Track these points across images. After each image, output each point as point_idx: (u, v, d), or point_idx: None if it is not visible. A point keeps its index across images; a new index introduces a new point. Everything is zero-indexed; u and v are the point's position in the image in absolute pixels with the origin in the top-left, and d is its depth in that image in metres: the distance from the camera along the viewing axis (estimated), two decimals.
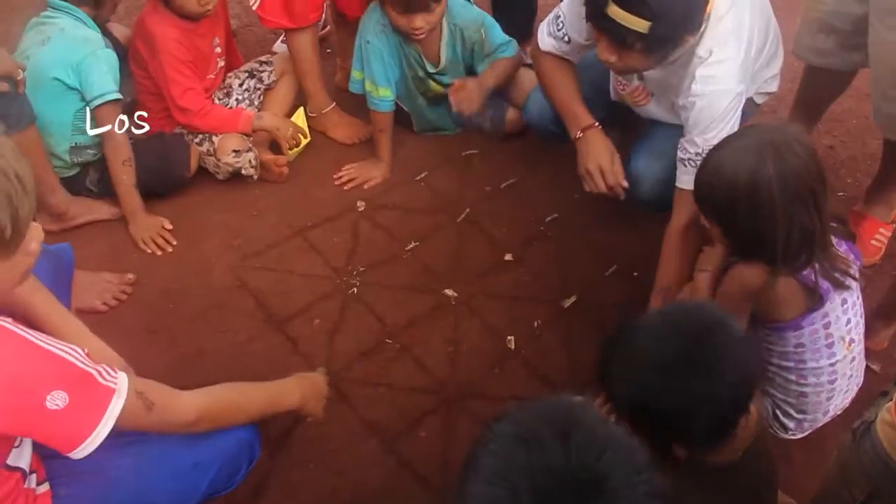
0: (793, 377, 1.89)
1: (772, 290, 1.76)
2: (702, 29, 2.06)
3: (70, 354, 1.38)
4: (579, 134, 2.38)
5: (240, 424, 1.75)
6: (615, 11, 1.92)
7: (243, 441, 1.77)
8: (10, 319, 1.37)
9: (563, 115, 2.45)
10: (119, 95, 2.54)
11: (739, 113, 2.14)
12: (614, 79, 2.44)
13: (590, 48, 2.26)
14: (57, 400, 1.34)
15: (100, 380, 1.41)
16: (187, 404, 1.59)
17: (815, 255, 1.74)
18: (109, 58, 2.55)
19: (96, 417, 1.39)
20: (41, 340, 1.37)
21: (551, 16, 2.41)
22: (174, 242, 2.65)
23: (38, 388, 1.33)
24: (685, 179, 2.16)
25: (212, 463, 1.71)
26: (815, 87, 2.72)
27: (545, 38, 2.43)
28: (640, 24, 1.92)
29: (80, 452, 1.39)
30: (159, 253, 2.63)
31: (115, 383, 1.43)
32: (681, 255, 2.19)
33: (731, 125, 2.11)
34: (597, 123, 2.39)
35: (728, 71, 2.09)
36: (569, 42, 2.36)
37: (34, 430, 1.37)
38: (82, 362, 1.39)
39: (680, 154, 2.17)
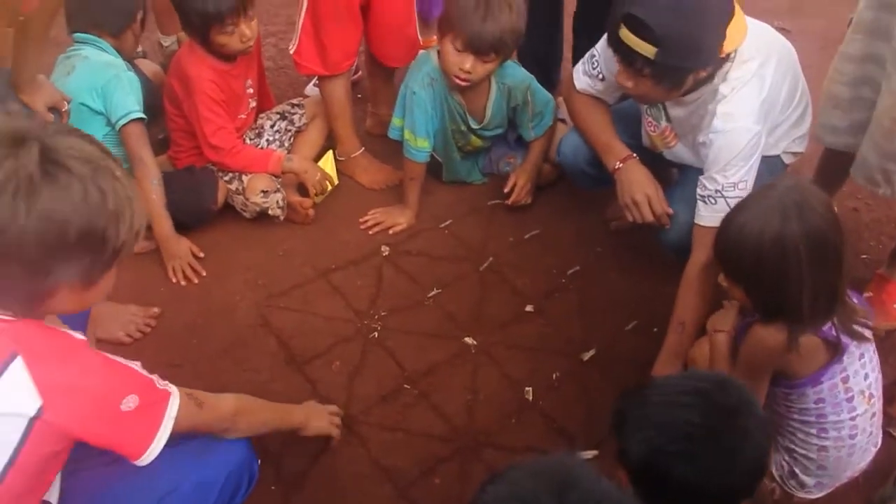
0: (814, 431, 1.88)
1: (794, 348, 1.76)
2: (726, 69, 2.13)
3: (132, 363, 1.51)
4: (618, 164, 2.42)
5: (259, 432, 1.90)
6: (625, 34, 2.02)
7: (243, 460, 1.80)
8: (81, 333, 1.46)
9: (599, 148, 2.49)
10: (142, 115, 2.60)
11: (759, 154, 2.19)
12: (645, 121, 2.47)
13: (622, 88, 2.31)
14: (129, 402, 1.44)
15: (158, 384, 1.53)
16: (226, 401, 1.77)
17: (836, 311, 1.75)
18: (132, 80, 2.62)
19: (159, 418, 1.50)
20: (106, 353, 1.48)
21: (587, 55, 2.48)
22: (203, 273, 2.69)
23: (115, 395, 1.43)
24: (704, 216, 2.21)
25: (215, 481, 1.73)
26: (832, 163, 2.72)
27: (580, 76, 2.50)
28: (648, 50, 2.00)
29: (147, 457, 1.49)
30: (184, 283, 2.67)
31: (169, 387, 1.55)
32: (699, 292, 2.22)
33: (750, 165, 2.16)
34: (634, 154, 2.43)
35: (748, 110, 2.15)
36: (603, 80, 2.42)
37: (110, 435, 1.46)
38: (142, 370, 1.51)
39: (699, 191, 2.21)
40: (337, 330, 2.54)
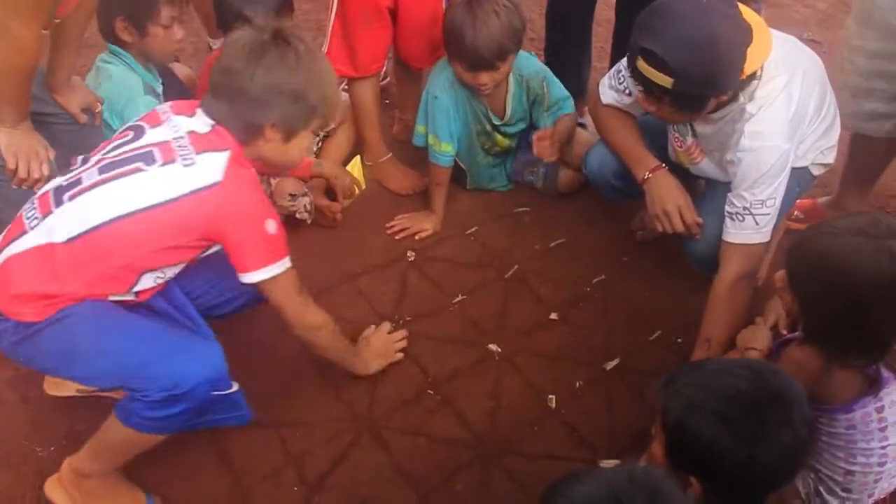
0: (841, 454, 1.84)
1: (828, 374, 1.72)
2: (752, 88, 2.13)
3: None
4: (647, 175, 2.42)
5: (322, 354, 2.26)
6: (643, 65, 2.04)
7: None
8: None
9: (628, 159, 2.49)
10: None
11: (788, 171, 2.18)
12: (671, 136, 2.47)
13: None
14: (271, 226, 1.92)
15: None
16: (319, 314, 2.15)
17: (882, 358, 1.70)
18: (148, 104, 2.63)
19: (280, 255, 1.97)
20: None
21: (612, 70, 2.49)
22: None
23: (267, 214, 1.93)
24: (732, 233, 2.21)
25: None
26: (863, 155, 2.72)
27: (606, 90, 2.50)
28: (664, 80, 2.02)
29: (254, 276, 1.95)
30: None
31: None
32: (727, 308, 2.21)
33: (779, 183, 2.16)
34: (663, 165, 2.43)
35: (776, 128, 2.14)
36: (629, 95, 2.42)
37: (246, 239, 1.91)
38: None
39: (727, 208, 2.21)
40: (361, 333, 2.55)
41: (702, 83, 2.04)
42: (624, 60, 2.41)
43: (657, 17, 2.03)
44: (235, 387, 1.94)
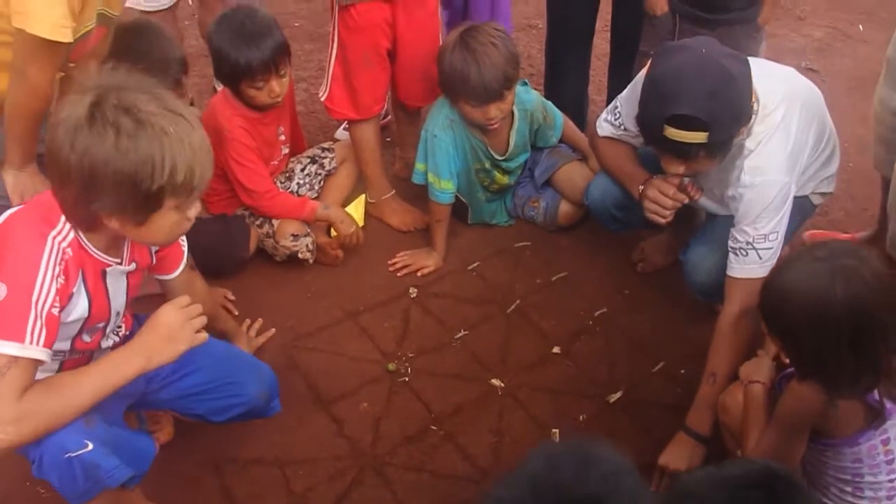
0: (849, 489, 1.83)
1: (832, 408, 1.71)
2: (750, 123, 2.13)
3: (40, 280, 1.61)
4: (640, 187, 2.41)
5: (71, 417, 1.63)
6: (672, 133, 2.03)
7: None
8: None
9: (621, 177, 2.50)
10: None
11: (790, 204, 2.19)
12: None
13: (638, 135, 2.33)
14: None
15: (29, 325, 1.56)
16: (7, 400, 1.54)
17: (877, 383, 1.68)
18: None
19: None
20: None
21: (610, 106, 2.52)
22: (236, 313, 2.72)
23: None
24: (736, 268, 2.21)
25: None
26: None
27: (603, 124, 2.53)
28: (699, 137, 2.02)
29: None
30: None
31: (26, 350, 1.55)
32: (731, 343, 2.20)
33: (781, 216, 2.17)
34: (655, 175, 2.42)
35: (775, 162, 2.15)
36: (625, 131, 2.45)
37: None
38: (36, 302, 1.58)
39: (731, 243, 2.21)
40: (364, 371, 2.56)
41: (732, 125, 2.06)
42: (621, 96, 2.44)
43: (670, 82, 2.04)
44: (90, 446, 1.65)
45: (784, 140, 2.17)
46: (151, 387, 1.96)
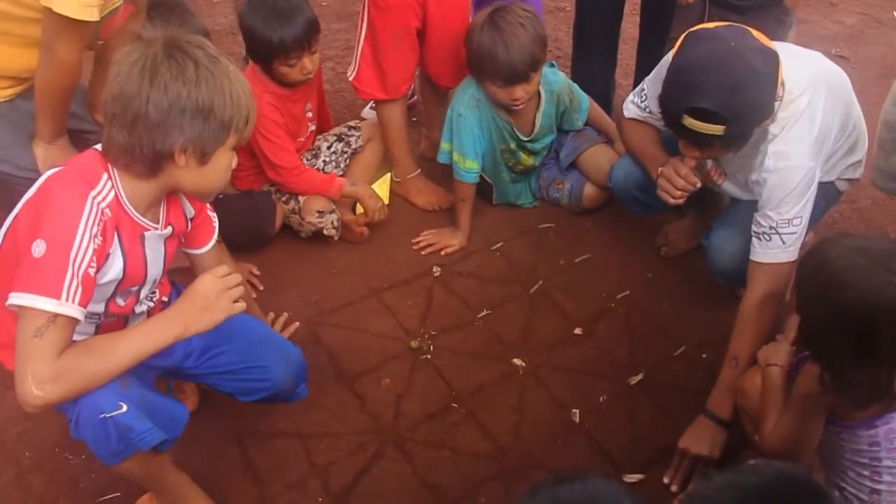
0: (867, 473, 1.82)
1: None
2: (773, 115, 2.12)
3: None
4: (660, 170, 2.40)
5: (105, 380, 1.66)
6: (690, 122, 2.03)
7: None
8: None
9: (643, 159, 2.51)
10: None
11: (814, 189, 2.18)
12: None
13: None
14: (37, 249, 1.59)
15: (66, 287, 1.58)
16: (43, 369, 1.57)
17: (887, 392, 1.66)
18: None
19: (40, 289, 1.57)
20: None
21: (637, 88, 2.52)
22: (261, 288, 2.76)
23: (41, 232, 1.60)
24: (759, 253, 2.20)
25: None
26: None
27: (629, 106, 2.54)
28: (716, 129, 2.02)
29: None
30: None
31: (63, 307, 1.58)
32: (754, 328, 2.19)
33: (805, 201, 2.16)
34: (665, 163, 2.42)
35: (800, 147, 2.14)
36: (650, 113, 2.45)
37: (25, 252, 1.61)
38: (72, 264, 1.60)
39: (754, 228, 2.21)
40: (387, 348, 2.58)
41: (750, 121, 2.06)
42: (648, 78, 2.44)
43: (693, 73, 2.04)
44: (125, 408, 1.68)
45: (809, 125, 2.16)
46: (186, 363, 2.00)
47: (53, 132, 2.30)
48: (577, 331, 2.65)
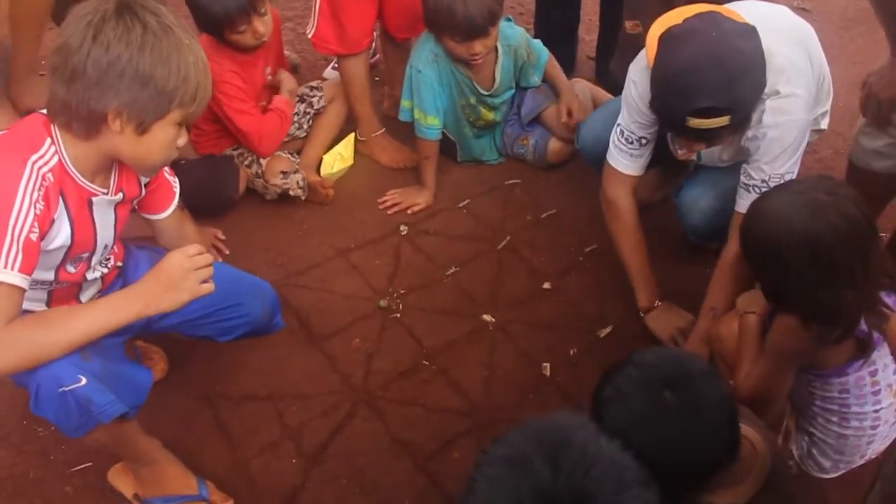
0: (835, 419, 1.87)
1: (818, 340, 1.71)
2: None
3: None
4: (651, 304, 2.45)
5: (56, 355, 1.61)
6: (696, 123, 1.98)
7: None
8: None
9: (633, 277, 2.48)
10: None
11: (805, 143, 2.17)
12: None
13: (655, 122, 2.28)
14: None
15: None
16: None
17: (856, 320, 1.67)
18: None
19: None
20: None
21: (612, 136, 2.39)
22: (227, 252, 2.73)
23: None
24: (744, 204, 2.16)
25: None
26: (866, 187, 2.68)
27: (616, 157, 2.41)
28: (722, 121, 1.98)
29: None
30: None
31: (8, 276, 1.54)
32: (733, 280, 2.20)
33: (797, 156, 2.15)
34: (661, 301, 2.45)
35: (797, 102, 2.11)
36: (639, 141, 2.35)
37: None
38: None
39: (744, 179, 2.19)
40: (356, 308, 2.57)
41: (753, 101, 2.04)
42: (620, 118, 2.36)
43: (686, 76, 1.98)
44: (83, 381, 1.64)
45: (797, 79, 2.12)
46: (154, 316, 1.94)
47: (29, 65, 2.27)
48: (546, 285, 2.66)
